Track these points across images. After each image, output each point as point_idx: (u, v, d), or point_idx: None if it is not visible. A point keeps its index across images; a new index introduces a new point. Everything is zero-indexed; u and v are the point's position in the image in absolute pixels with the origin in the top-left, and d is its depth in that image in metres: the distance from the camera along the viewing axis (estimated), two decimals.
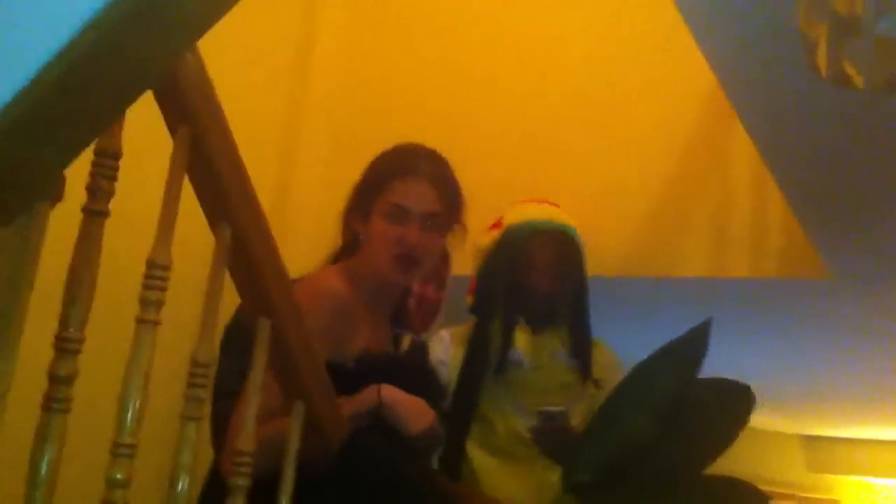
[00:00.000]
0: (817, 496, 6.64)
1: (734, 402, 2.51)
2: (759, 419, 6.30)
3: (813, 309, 3.63)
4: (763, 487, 4.51)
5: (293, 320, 1.65)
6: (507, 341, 2.70)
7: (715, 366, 4.47)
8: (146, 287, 1.36)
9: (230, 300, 1.62)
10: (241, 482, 1.56)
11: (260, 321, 1.61)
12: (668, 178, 3.26)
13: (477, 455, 2.64)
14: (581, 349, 2.76)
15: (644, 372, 2.54)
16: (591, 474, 2.43)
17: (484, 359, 2.70)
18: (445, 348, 2.74)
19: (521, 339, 2.72)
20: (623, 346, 2.85)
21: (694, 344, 2.49)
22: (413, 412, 1.99)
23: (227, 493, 1.55)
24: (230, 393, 1.76)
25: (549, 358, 2.73)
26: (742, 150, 2.97)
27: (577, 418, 2.68)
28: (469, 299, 2.81)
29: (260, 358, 1.60)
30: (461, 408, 2.67)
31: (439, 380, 2.57)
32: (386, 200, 2.14)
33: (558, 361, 2.74)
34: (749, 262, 3.17)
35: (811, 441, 6.89)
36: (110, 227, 1.30)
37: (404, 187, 2.15)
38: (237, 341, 1.86)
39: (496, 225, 2.80)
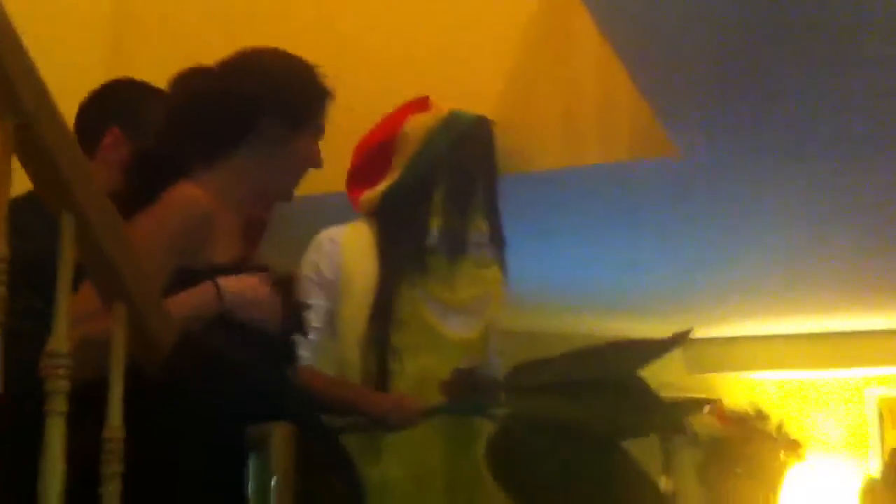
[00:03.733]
0: (701, 396, 6.72)
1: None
2: (634, 326, 6.37)
3: (667, 192, 3.66)
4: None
5: (101, 213, 1.54)
6: (465, 221, 2.76)
7: (583, 272, 4.51)
8: None
9: None
10: (61, 385, 1.45)
11: (63, 216, 1.49)
12: (511, 73, 3.23)
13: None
14: (500, 235, 2.85)
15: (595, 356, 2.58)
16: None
17: (420, 244, 2.72)
18: (335, 251, 2.74)
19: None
20: None
21: (657, 347, 2.54)
22: (257, 298, 1.91)
23: (45, 397, 1.45)
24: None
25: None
26: (586, 34, 2.93)
27: (495, 308, 2.85)
28: (371, 194, 2.80)
29: (67, 255, 1.49)
30: (383, 304, 2.68)
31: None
32: (319, 119, 2.15)
33: (478, 253, 2.81)
34: (600, 149, 3.17)
35: (688, 343, 6.93)
36: None
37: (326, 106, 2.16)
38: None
39: (405, 115, 2.84)
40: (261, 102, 2.09)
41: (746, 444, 5.15)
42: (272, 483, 1.82)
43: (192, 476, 1.82)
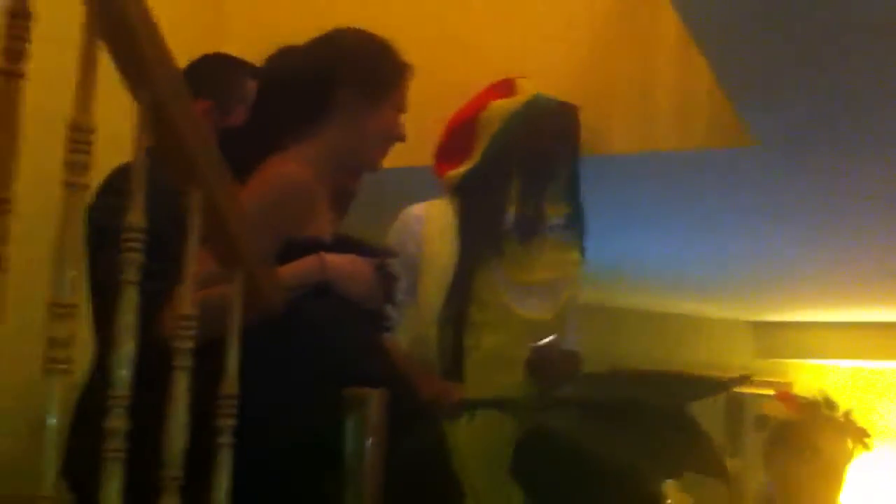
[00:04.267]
0: (771, 380, 6.74)
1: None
2: (706, 307, 6.42)
3: (744, 180, 3.70)
4: (716, 373, 4.60)
5: (225, 190, 1.68)
6: (540, 206, 2.85)
7: (659, 252, 4.55)
8: (72, 150, 1.38)
9: None
10: (187, 344, 1.60)
11: (191, 192, 1.63)
12: (591, 56, 3.31)
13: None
14: (580, 219, 2.93)
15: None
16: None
17: (496, 227, 2.80)
18: (418, 229, 2.87)
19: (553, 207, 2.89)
20: None
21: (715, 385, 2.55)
22: (356, 274, 2.05)
23: (172, 355, 1.59)
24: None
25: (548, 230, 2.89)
26: (668, 19, 2.99)
27: (571, 290, 2.92)
28: (454, 173, 2.91)
29: (193, 227, 1.63)
30: (461, 283, 2.79)
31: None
32: (401, 94, 2.30)
33: (556, 236, 2.89)
34: (676, 135, 3.24)
35: (759, 327, 6.98)
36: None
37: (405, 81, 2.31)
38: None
39: (490, 97, 2.92)
40: (337, 74, 2.24)
41: (813, 431, 5.14)
42: (367, 444, 1.96)
43: (292, 431, 1.96)
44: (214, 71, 2.61)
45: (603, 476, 2.32)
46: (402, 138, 2.34)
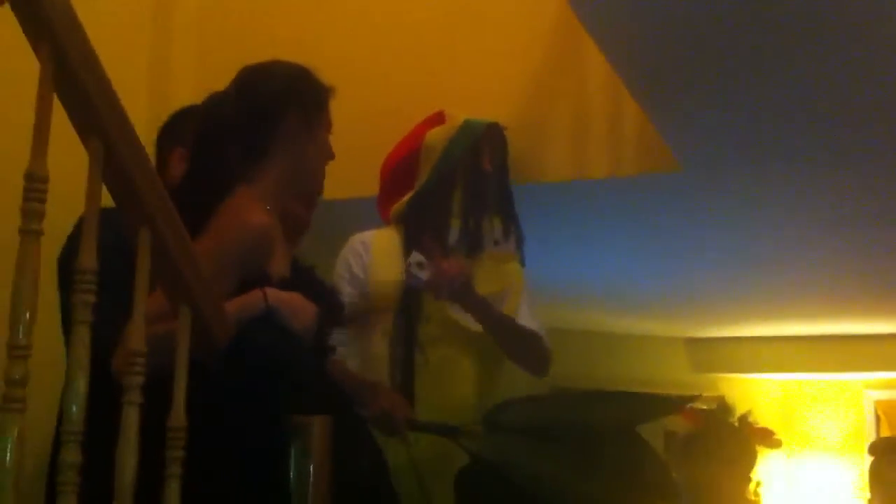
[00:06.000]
0: (705, 394, 6.85)
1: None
2: (643, 325, 6.55)
3: (670, 204, 3.83)
4: (652, 389, 4.70)
5: (172, 229, 1.75)
6: (481, 220, 2.98)
7: (592, 274, 4.66)
8: (27, 199, 1.45)
9: None
10: (136, 380, 1.66)
11: (140, 231, 1.70)
12: (524, 88, 3.42)
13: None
14: (517, 231, 3.05)
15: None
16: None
17: (441, 244, 2.93)
18: (365, 252, 2.97)
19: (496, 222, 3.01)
20: None
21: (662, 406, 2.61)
22: (298, 310, 2.12)
23: (123, 391, 1.65)
24: None
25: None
26: (597, 51, 3.08)
27: (514, 300, 3.01)
28: (398, 205, 3.03)
29: (143, 265, 1.69)
30: (408, 301, 2.89)
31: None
32: (327, 117, 2.37)
33: (497, 250, 3.03)
34: (607, 163, 3.35)
35: (693, 343, 7.12)
36: None
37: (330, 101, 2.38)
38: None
39: (425, 129, 3.06)
40: (281, 98, 2.31)
41: (713, 439, 5.38)
42: (311, 469, 2.02)
43: (239, 458, 2.02)
44: (190, 120, 2.71)
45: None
46: (332, 157, 2.42)
